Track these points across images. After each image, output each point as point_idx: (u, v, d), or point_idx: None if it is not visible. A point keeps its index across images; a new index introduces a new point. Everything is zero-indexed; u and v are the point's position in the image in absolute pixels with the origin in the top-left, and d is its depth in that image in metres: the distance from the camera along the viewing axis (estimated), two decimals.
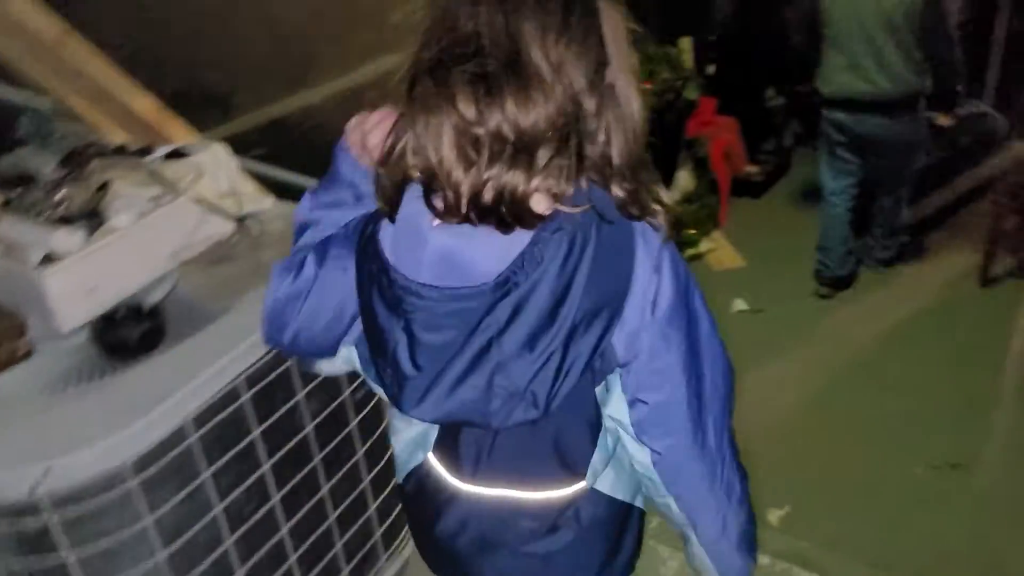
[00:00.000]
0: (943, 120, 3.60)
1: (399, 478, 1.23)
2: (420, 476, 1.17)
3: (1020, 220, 3.66)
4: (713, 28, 4.68)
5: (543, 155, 0.89)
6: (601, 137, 0.94)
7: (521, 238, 0.92)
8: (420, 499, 1.18)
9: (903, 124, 3.44)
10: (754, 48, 5.09)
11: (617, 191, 0.96)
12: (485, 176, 0.89)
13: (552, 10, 0.90)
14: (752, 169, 4.95)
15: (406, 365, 0.95)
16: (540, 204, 0.92)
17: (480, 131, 0.88)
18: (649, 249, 0.96)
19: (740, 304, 3.87)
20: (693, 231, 4.37)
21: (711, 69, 4.65)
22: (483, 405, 0.94)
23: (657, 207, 0.98)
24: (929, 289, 3.90)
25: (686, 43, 4.57)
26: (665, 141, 4.43)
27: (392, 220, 0.97)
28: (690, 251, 4.31)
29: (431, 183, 0.92)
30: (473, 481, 1.10)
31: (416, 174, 0.93)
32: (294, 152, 2.20)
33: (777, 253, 4.31)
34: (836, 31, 3.37)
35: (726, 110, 4.62)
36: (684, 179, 4.49)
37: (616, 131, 0.95)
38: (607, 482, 1.11)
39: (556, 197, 0.91)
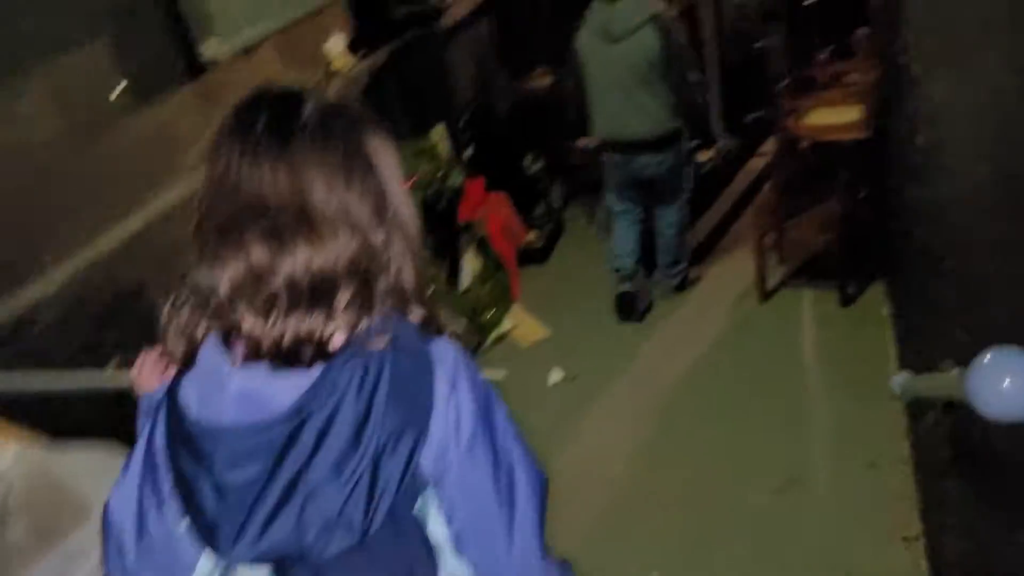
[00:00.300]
0: (704, 155, 3.95)
1: None
2: None
3: (778, 233, 3.95)
4: (461, 112, 4.75)
5: (340, 296, 0.93)
6: (393, 267, 0.98)
7: (319, 368, 0.93)
8: None
9: (667, 160, 3.82)
10: (503, 122, 5.25)
11: (414, 314, 1.01)
12: (284, 325, 0.91)
13: (332, 161, 0.94)
14: (531, 237, 5.05)
15: (213, 509, 0.92)
16: (339, 340, 0.94)
17: (276, 281, 0.90)
18: (446, 367, 0.97)
19: (556, 375, 3.87)
20: (491, 311, 4.36)
21: (469, 152, 4.71)
22: (299, 538, 0.91)
23: (447, 322, 1.05)
24: (718, 314, 4.10)
25: (439, 132, 4.59)
26: (442, 231, 4.42)
27: (186, 369, 0.99)
28: (494, 333, 4.29)
29: (228, 333, 0.95)
30: None
31: (213, 326, 0.96)
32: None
33: (576, 311, 4.38)
34: (597, 84, 3.73)
35: (494, 186, 4.69)
36: (470, 263, 4.48)
37: (406, 258, 1.00)
38: None
39: (353, 330, 0.94)
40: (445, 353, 0.98)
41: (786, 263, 4.25)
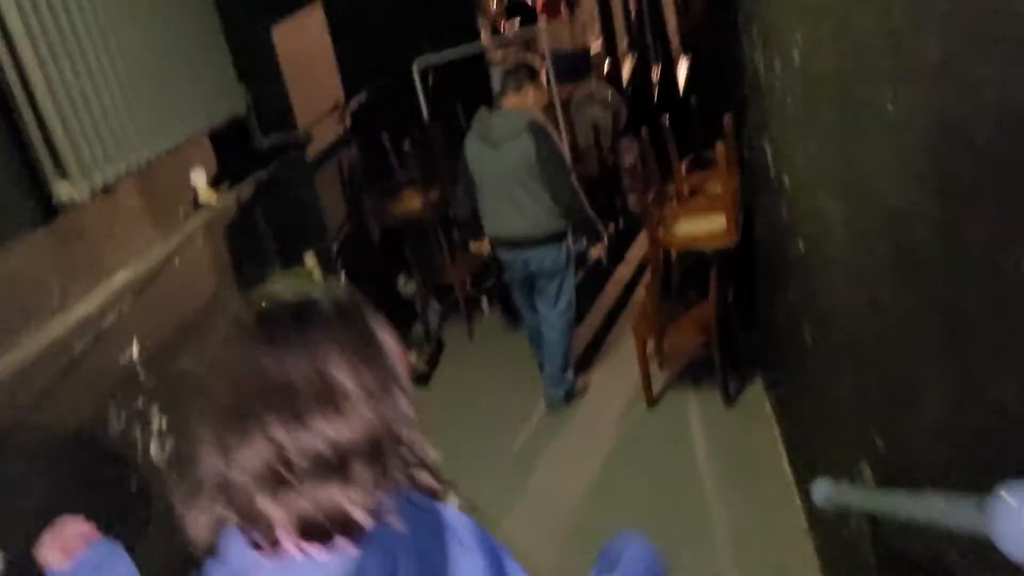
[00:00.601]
0: (594, 252, 4.11)
1: None
2: None
3: (657, 339, 4.03)
4: (331, 239, 4.66)
5: (359, 469, 0.96)
6: (404, 436, 1.05)
7: (343, 559, 0.96)
8: None
9: (548, 257, 3.97)
10: (373, 246, 5.19)
11: (423, 481, 1.08)
12: (305, 504, 0.94)
13: (351, 343, 1.01)
14: (412, 359, 4.93)
15: None
16: (360, 514, 0.96)
17: (294, 453, 0.93)
18: (458, 535, 1.06)
19: (452, 504, 3.69)
20: None
21: (342, 278, 4.59)
22: None
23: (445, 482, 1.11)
24: (608, 425, 4.10)
25: (310, 258, 4.47)
26: None
27: (211, 559, 1.01)
28: None
29: (250, 520, 0.96)
30: None
31: (229, 515, 0.97)
32: None
33: (465, 432, 4.26)
34: (482, 186, 3.98)
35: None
36: None
37: (411, 426, 1.07)
38: None
39: (372, 502, 0.97)
40: (456, 520, 1.08)
41: (667, 367, 4.34)
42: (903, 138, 1.34)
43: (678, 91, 6.86)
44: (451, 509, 1.08)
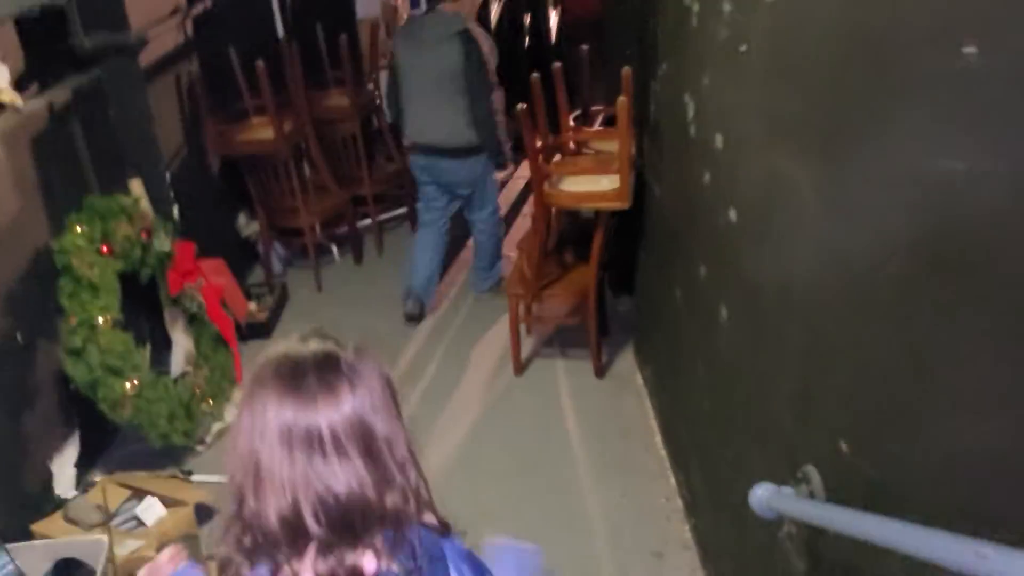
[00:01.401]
0: (499, 176, 4.16)
1: None
2: None
3: (532, 301, 3.76)
4: (165, 164, 4.01)
5: (376, 516, 1.05)
6: (413, 477, 1.12)
7: None
8: None
9: (465, 169, 4.05)
10: (213, 177, 4.57)
11: (430, 522, 1.16)
12: (331, 558, 1.01)
13: (376, 393, 1.10)
14: (252, 308, 4.40)
15: None
16: (371, 565, 1.04)
17: (319, 504, 1.01)
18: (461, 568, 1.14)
19: None
20: (212, 400, 3.66)
21: (176, 211, 3.97)
22: None
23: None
24: (476, 391, 3.81)
25: (137, 185, 3.82)
26: (147, 306, 3.65)
27: None
28: (216, 426, 3.59)
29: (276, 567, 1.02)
30: None
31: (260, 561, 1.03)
32: None
33: None
34: (407, 89, 3.95)
35: (207, 251, 3.99)
36: (183, 343, 3.75)
37: (418, 466, 1.15)
38: None
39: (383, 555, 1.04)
40: (458, 555, 1.15)
41: (536, 331, 4.09)
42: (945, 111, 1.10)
43: (550, 39, 6.55)
44: (458, 547, 1.15)
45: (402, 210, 5.42)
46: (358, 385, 1.05)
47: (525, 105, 3.27)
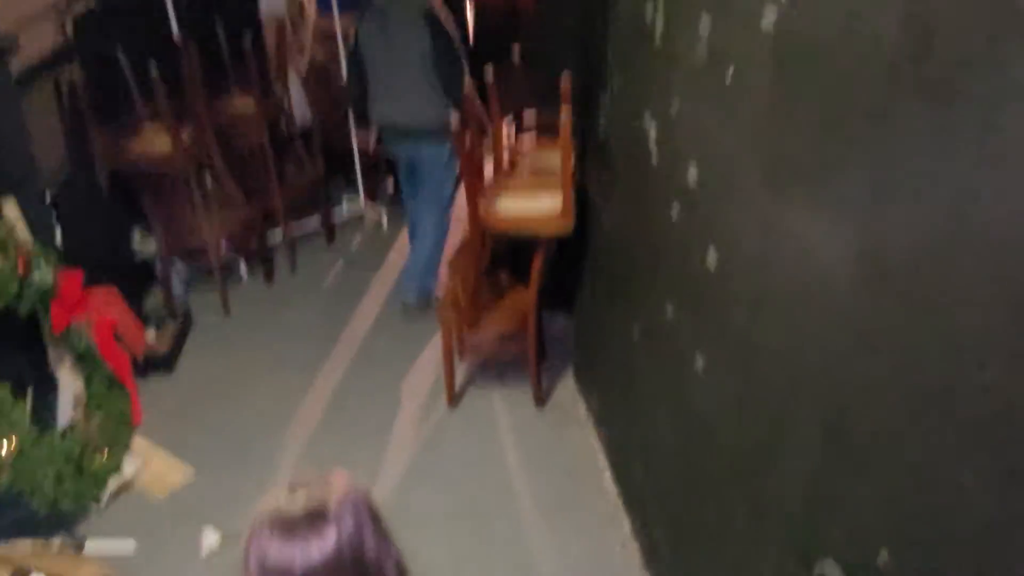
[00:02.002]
0: None
1: None
2: None
3: (467, 327, 3.47)
4: (45, 183, 3.54)
5: None
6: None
7: None
8: None
9: (432, 151, 3.89)
10: (103, 194, 4.10)
11: None
12: None
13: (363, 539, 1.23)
14: (151, 338, 3.97)
15: None
16: None
17: None
18: None
19: (211, 538, 2.91)
20: (106, 452, 3.24)
21: (59, 237, 3.50)
22: None
23: None
24: (406, 428, 3.50)
25: (11, 207, 3.34)
26: (27, 348, 3.20)
27: None
28: (113, 483, 3.17)
29: None
30: None
31: None
32: None
33: (222, 435, 3.45)
34: (372, 71, 3.88)
35: (96, 279, 3.53)
36: (71, 387, 3.30)
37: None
38: None
39: None
40: None
41: (469, 358, 3.81)
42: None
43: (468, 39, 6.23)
44: None
45: (316, 223, 5.03)
46: (343, 528, 1.19)
47: (458, 114, 2.98)
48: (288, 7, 5.15)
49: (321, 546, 1.16)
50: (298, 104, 5.06)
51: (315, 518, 1.18)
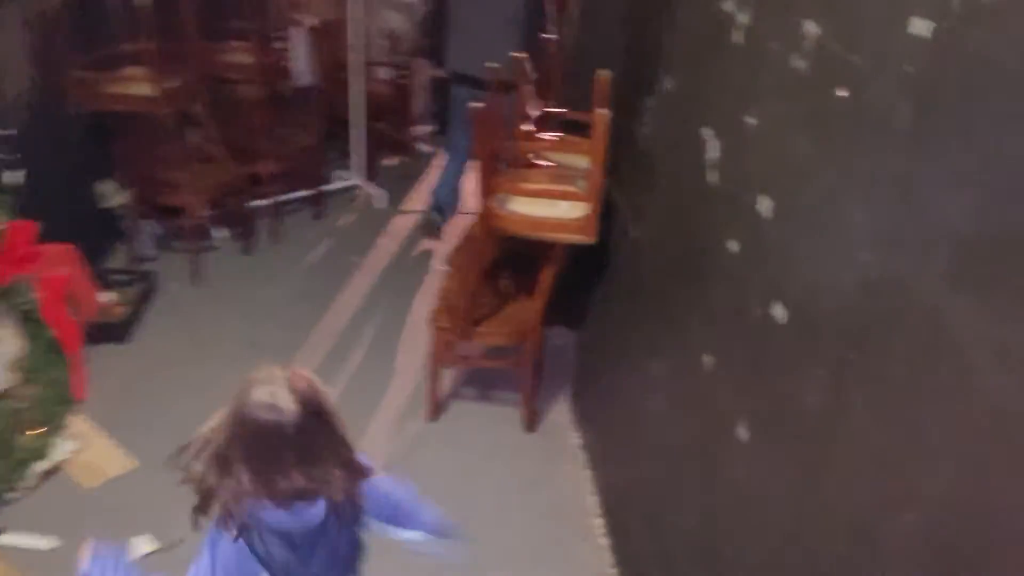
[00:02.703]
0: None
1: None
2: None
3: (459, 335, 3.10)
4: (4, 113, 3.13)
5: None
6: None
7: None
8: None
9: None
10: (71, 135, 3.68)
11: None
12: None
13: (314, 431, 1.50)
14: (109, 300, 3.57)
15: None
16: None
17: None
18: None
19: (143, 544, 2.54)
20: (38, 429, 2.86)
21: (16, 178, 3.09)
22: None
23: None
24: (378, 440, 3.13)
25: None
26: None
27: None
28: (41, 465, 2.79)
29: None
30: None
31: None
32: None
33: (177, 422, 3.06)
34: (455, 19, 3.95)
35: (53, 232, 3.13)
36: (8, 347, 2.91)
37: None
38: None
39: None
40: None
41: (453, 367, 3.44)
42: None
43: None
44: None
45: (306, 192, 4.64)
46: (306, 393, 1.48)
47: (479, 107, 2.59)
48: None
49: (291, 407, 1.42)
50: (301, 62, 4.65)
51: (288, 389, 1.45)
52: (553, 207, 2.80)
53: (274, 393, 1.44)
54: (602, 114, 2.51)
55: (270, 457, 1.45)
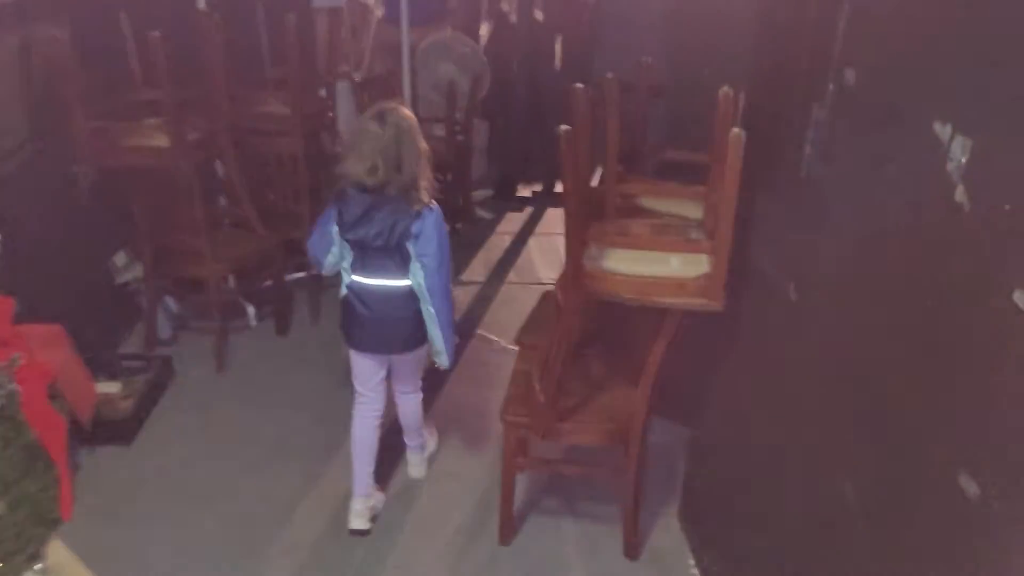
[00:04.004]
0: None
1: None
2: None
3: (543, 433, 2.41)
4: None
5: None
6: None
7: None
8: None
9: None
10: (81, 194, 3.16)
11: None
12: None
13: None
14: (112, 391, 2.98)
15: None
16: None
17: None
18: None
19: None
20: (10, 555, 2.22)
21: None
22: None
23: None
24: (567, 571, 2.42)
25: None
26: None
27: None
28: None
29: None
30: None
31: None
32: None
33: (182, 551, 2.40)
34: None
35: (37, 311, 2.55)
36: None
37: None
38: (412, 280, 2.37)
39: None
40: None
41: (533, 475, 2.73)
42: None
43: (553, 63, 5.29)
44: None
45: None
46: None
47: (569, 128, 1.95)
48: (347, 3, 4.27)
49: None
50: (347, 119, 4.13)
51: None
52: (663, 263, 2.13)
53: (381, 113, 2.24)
54: (738, 135, 1.85)
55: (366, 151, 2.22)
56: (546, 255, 4.58)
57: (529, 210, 5.25)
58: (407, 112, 2.28)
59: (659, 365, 2.25)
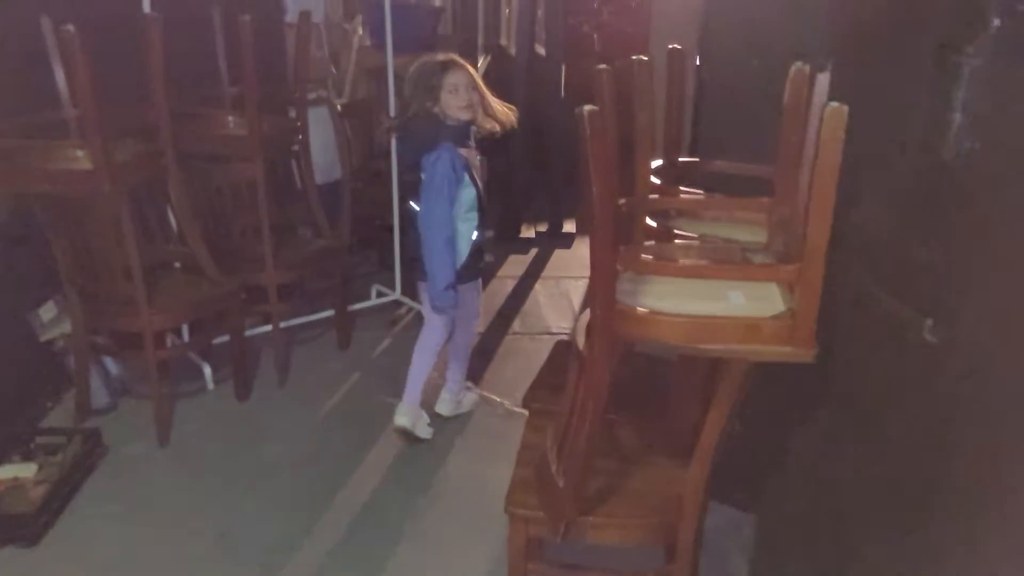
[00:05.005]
0: None
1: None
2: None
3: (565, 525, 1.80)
4: None
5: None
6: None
7: None
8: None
9: None
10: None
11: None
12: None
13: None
14: (25, 475, 2.38)
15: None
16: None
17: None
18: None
19: None
20: None
21: None
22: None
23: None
24: None
25: None
26: None
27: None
28: None
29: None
30: None
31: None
32: None
33: None
34: None
35: None
36: None
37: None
38: None
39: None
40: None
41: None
42: None
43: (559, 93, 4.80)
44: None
45: (326, 313, 3.48)
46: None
47: (595, 107, 1.39)
48: (326, 25, 3.78)
49: None
50: (325, 148, 3.61)
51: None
52: (719, 299, 1.55)
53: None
54: (838, 108, 1.29)
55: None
56: (554, 300, 4.02)
57: (534, 252, 4.73)
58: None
59: (718, 434, 1.66)
